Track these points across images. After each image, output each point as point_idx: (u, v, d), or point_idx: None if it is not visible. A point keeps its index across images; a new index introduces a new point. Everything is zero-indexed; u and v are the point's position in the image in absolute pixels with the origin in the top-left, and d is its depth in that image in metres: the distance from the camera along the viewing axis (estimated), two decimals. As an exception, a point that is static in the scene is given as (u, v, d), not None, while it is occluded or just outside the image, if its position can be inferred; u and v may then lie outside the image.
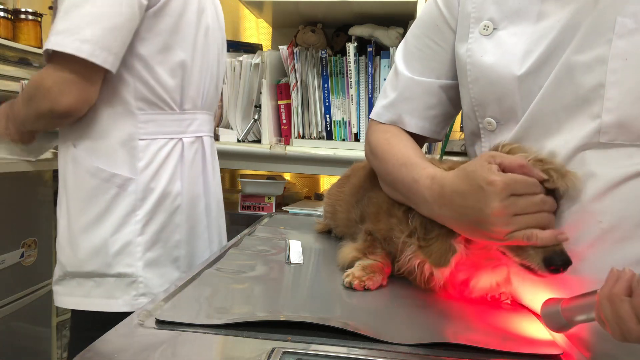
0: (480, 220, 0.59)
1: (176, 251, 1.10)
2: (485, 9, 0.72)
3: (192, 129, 1.14)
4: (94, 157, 1.02)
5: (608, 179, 0.58)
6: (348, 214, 0.90)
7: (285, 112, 1.85)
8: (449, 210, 0.63)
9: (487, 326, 0.61)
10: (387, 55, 1.69)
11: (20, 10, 1.90)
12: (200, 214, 1.18)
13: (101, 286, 1.03)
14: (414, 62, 0.82)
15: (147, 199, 1.05)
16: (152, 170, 1.05)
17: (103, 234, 1.02)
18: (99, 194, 1.02)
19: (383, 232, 0.75)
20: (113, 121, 1.03)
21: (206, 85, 1.19)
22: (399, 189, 0.73)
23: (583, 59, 0.60)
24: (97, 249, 1.02)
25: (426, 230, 0.66)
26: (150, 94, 1.04)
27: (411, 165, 0.71)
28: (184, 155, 1.12)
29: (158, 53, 1.03)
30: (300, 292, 0.70)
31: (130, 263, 1.03)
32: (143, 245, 1.04)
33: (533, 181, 0.59)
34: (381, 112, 0.84)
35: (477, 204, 0.59)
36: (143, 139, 1.04)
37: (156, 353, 0.50)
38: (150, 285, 1.05)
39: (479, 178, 0.59)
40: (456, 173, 0.63)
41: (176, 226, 1.10)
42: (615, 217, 0.58)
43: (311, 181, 2.47)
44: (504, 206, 0.57)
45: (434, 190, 0.65)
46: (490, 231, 0.59)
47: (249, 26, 2.55)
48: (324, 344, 0.53)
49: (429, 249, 0.65)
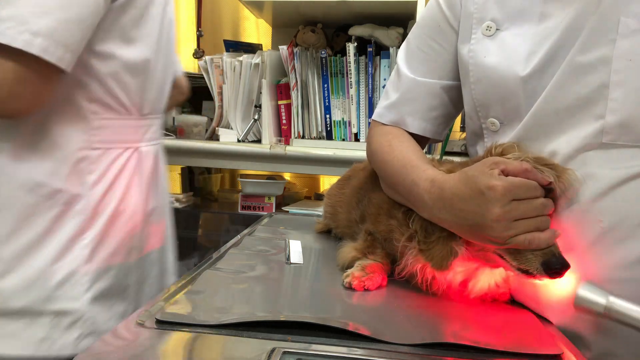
0: (481, 225, 0.59)
1: (126, 279, 0.94)
2: (488, 9, 0.72)
3: (149, 136, 0.99)
4: (32, 168, 0.83)
5: (609, 180, 0.58)
6: (348, 215, 0.90)
7: (285, 112, 1.85)
8: (449, 214, 0.62)
9: (487, 326, 0.61)
10: (387, 55, 1.69)
11: (20, 10, 1.89)
12: (153, 233, 1.02)
13: (33, 326, 0.83)
14: (416, 63, 0.82)
15: (97, 219, 0.87)
16: (105, 185, 0.89)
17: (40, 263, 0.83)
18: (36, 214, 0.83)
19: (383, 234, 0.75)
20: (60, 126, 0.84)
21: (166, 87, 1.06)
22: (399, 191, 0.73)
23: (587, 60, 0.60)
24: (32, 281, 0.82)
25: (426, 233, 0.66)
26: (107, 95, 0.88)
27: (411, 167, 0.71)
28: (141, 167, 0.96)
29: (118, 49, 0.88)
30: (300, 292, 0.70)
31: (74, 296, 0.85)
32: (91, 274, 0.86)
33: (534, 185, 0.58)
34: (383, 113, 0.84)
35: (478, 209, 0.59)
36: (96, 148, 0.88)
37: (156, 353, 0.50)
38: (98, 322, 0.87)
39: (480, 183, 0.58)
40: (457, 176, 0.63)
41: (130, 249, 0.94)
42: (615, 217, 0.58)
43: (311, 181, 2.47)
44: (504, 211, 0.57)
45: (433, 193, 0.64)
46: (491, 235, 0.59)
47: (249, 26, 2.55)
48: (324, 344, 0.53)
49: (430, 252, 0.65)
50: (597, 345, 0.61)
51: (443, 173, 0.66)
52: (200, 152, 1.84)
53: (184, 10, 2.59)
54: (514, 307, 0.68)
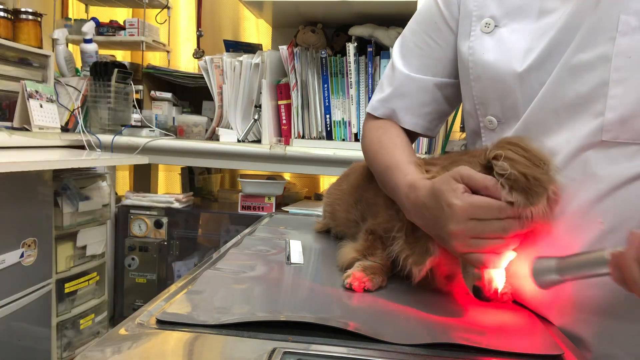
0: (442, 236, 0.61)
1: None
2: (487, 6, 0.73)
3: None
4: None
5: (609, 181, 0.58)
6: (347, 214, 0.91)
7: (285, 112, 1.85)
8: (420, 220, 0.65)
9: (487, 326, 0.61)
10: (387, 55, 1.69)
11: (20, 10, 1.90)
12: None
13: None
14: (411, 58, 0.83)
15: None
16: None
17: None
18: None
19: (383, 225, 0.75)
20: None
21: None
22: (386, 190, 0.76)
23: (586, 57, 0.60)
24: None
25: (414, 227, 0.68)
26: None
27: (396, 169, 0.73)
28: None
29: None
30: (301, 292, 0.70)
31: None
32: None
33: (497, 206, 0.57)
34: (376, 106, 0.86)
35: (439, 221, 0.61)
36: None
37: (156, 353, 0.50)
38: None
39: (442, 198, 0.60)
40: (428, 186, 0.63)
41: None
42: (616, 218, 0.58)
43: (311, 181, 2.47)
44: (460, 230, 0.58)
45: (410, 198, 0.67)
46: (450, 246, 0.61)
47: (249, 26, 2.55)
48: (324, 344, 0.53)
49: (413, 246, 0.68)
50: (597, 346, 0.61)
51: (422, 178, 0.67)
52: (200, 152, 1.84)
53: (184, 10, 2.59)
54: (514, 308, 0.68)
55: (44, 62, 1.96)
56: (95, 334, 1.87)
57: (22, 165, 1.26)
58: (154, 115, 2.09)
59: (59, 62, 2.14)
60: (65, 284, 1.70)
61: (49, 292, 1.61)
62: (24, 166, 1.27)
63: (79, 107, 2.01)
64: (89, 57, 2.16)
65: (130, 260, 1.90)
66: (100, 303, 1.90)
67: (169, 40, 2.49)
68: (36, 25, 1.92)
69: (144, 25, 2.23)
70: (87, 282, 1.81)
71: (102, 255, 1.89)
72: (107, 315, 1.94)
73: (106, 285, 1.93)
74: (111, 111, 1.99)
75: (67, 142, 1.88)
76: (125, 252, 1.91)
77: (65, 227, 1.66)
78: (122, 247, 1.92)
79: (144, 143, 1.85)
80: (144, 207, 1.91)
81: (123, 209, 1.92)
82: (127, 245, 1.91)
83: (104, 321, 1.92)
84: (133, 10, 2.62)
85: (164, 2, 2.37)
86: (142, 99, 2.15)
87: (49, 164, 1.40)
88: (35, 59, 1.93)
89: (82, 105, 2.02)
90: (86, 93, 2.03)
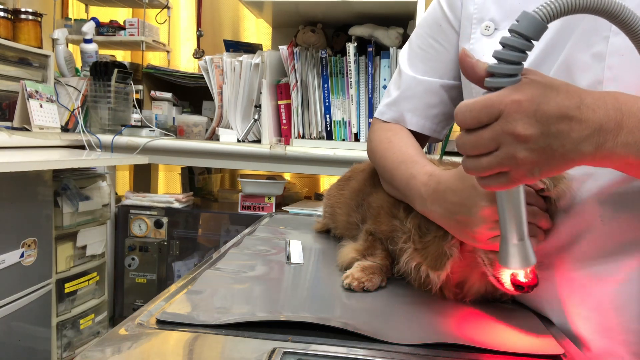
0: (467, 220, 0.59)
1: None
2: (487, 9, 0.73)
3: None
4: None
5: (608, 178, 0.58)
6: (348, 217, 0.90)
7: (285, 112, 1.85)
8: (440, 207, 0.63)
9: (487, 326, 0.61)
10: (387, 55, 1.69)
11: (20, 10, 1.90)
12: None
13: None
14: (417, 62, 0.84)
15: None
16: None
17: None
18: None
19: (386, 233, 0.75)
20: None
21: None
22: (396, 186, 0.74)
23: (581, 57, 0.61)
24: None
25: (421, 233, 0.66)
26: None
27: (411, 162, 0.72)
28: None
29: None
30: (301, 292, 0.70)
31: None
32: None
33: (527, 190, 0.58)
34: (384, 111, 0.86)
35: (467, 202, 0.59)
36: None
37: (156, 353, 0.50)
38: None
39: (473, 177, 0.59)
40: (454, 171, 0.64)
41: None
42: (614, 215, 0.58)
43: (311, 181, 2.47)
44: (492, 209, 0.57)
45: (429, 186, 0.65)
46: (475, 232, 0.59)
47: (249, 26, 2.55)
48: (324, 344, 0.53)
49: (424, 252, 0.65)
50: (597, 345, 0.61)
51: (442, 169, 0.67)
52: (200, 152, 1.84)
53: (184, 10, 2.59)
54: (514, 307, 0.68)
55: (44, 62, 1.96)
56: (95, 334, 1.87)
57: (22, 165, 1.26)
58: (154, 115, 2.09)
59: (59, 62, 2.14)
60: (65, 284, 1.70)
61: (49, 292, 1.61)
62: (24, 166, 1.27)
63: (79, 107, 2.01)
64: (89, 57, 2.16)
65: (130, 260, 1.90)
66: (100, 303, 1.90)
67: (169, 40, 2.49)
68: (36, 25, 1.92)
69: (144, 25, 2.23)
70: (87, 282, 1.81)
71: (102, 255, 1.89)
72: (107, 315, 1.94)
73: (106, 285, 1.93)
74: (111, 111, 2.00)
75: (67, 142, 1.88)
76: (125, 252, 1.91)
77: (65, 227, 1.66)
78: (122, 247, 1.92)
79: (144, 143, 1.85)
80: (144, 207, 1.91)
81: (123, 209, 1.92)
82: (127, 245, 1.91)
83: (104, 321, 1.92)
84: (133, 10, 2.62)
85: (164, 2, 2.38)
86: (142, 99, 2.15)
87: (49, 164, 1.40)
88: (35, 59, 1.93)
89: (82, 105, 2.02)
90: (86, 93, 2.03)
